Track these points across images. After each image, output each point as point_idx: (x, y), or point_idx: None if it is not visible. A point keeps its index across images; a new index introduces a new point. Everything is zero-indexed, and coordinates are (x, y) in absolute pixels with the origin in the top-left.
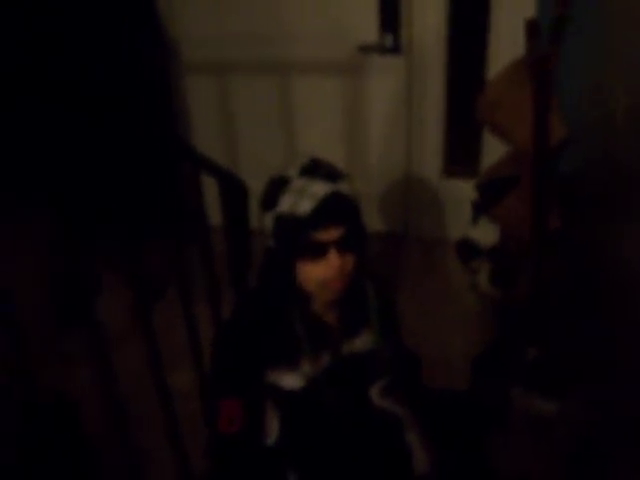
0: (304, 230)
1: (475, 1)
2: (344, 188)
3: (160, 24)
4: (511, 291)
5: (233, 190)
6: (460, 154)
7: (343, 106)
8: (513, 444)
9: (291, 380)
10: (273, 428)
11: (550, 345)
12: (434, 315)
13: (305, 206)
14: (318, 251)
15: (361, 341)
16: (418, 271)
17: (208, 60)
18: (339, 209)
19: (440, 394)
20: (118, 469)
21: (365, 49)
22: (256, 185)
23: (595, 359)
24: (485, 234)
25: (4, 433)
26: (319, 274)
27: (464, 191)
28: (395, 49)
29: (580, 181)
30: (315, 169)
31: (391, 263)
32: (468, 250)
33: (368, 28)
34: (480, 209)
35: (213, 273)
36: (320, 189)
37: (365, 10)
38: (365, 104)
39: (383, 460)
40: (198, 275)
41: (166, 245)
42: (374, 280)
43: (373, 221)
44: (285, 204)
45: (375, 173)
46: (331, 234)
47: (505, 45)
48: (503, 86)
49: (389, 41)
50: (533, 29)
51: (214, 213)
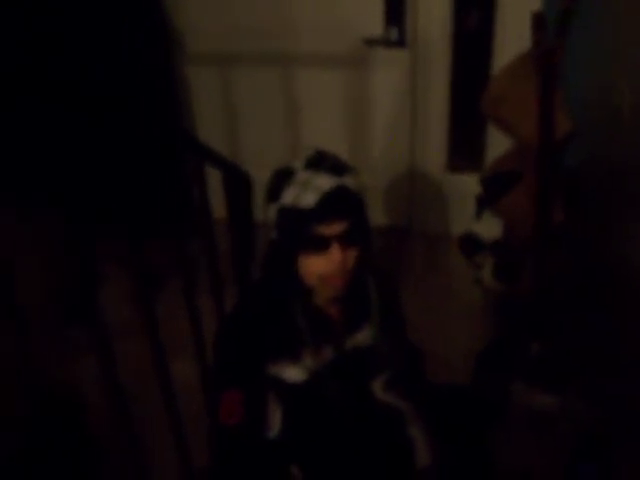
0: (307, 223)
1: None
2: (349, 182)
3: (164, 16)
4: (515, 286)
5: (237, 182)
6: (464, 148)
7: (347, 99)
8: (515, 439)
9: (293, 373)
10: (275, 421)
11: (553, 340)
12: (437, 310)
13: (309, 199)
14: (320, 245)
15: (363, 336)
16: (421, 266)
17: (212, 52)
18: (343, 203)
19: (443, 389)
20: (120, 460)
21: (370, 42)
22: (259, 177)
23: (598, 354)
24: (489, 228)
25: (10, 426)
26: (320, 268)
27: (468, 185)
28: (400, 42)
29: (585, 176)
30: (321, 162)
31: (394, 258)
32: (472, 245)
33: (373, 21)
34: (484, 203)
35: (216, 265)
36: (325, 182)
37: (370, 3)
38: (369, 97)
39: (385, 454)
40: (201, 267)
41: (169, 237)
42: (376, 275)
43: (376, 215)
44: (289, 196)
45: (379, 167)
46: (334, 228)
47: (510, 38)
48: (508, 80)
49: (394, 34)
50: (539, 22)
51: (218, 206)
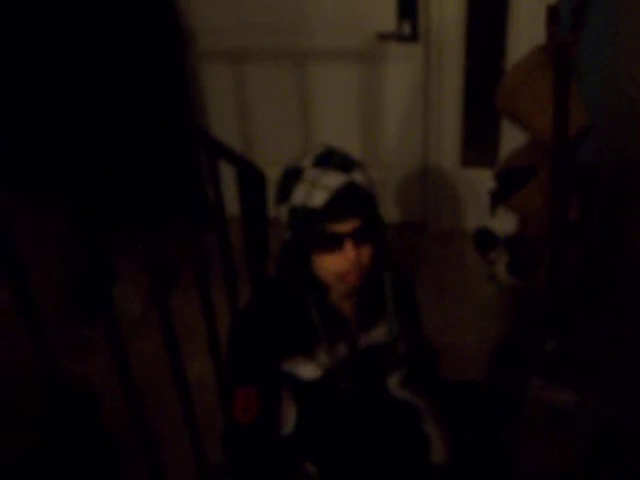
0: (319, 222)
1: None
2: (358, 178)
3: (177, 12)
4: (530, 281)
5: (251, 178)
6: (478, 143)
7: (360, 94)
8: (531, 436)
9: (308, 370)
10: (290, 418)
11: (569, 336)
12: (452, 306)
13: (318, 198)
14: (333, 243)
15: (377, 333)
16: (436, 262)
17: (225, 48)
18: (353, 200)
19: (458, 385)
20: (135, 456)
21: (383, 37)
22: (272, 174)
23: (616, 348)
24: (503, 224)
25: (26, 425)
26: (335, 266)
27: (482, 180)
28: (413, 37)
29: (600, 170)
30: (329, 159)
31: (408, 254)
32: (486, 240)
33: (386, 15)
34: (498, 199)
35: (229, 260)
36: (333, 180)
37: None
38: (382, 92)
39: (401, 450)
40: (216, 264)
41: (184, 233)
42: (393, 271)
43: (390, 211)
44: (299, 196)
45: (392, 162)
46: (346, 226)
47: (525, 32)
48: (523, 74)
49: (407, 29)
50: (554, 15)
51: (233, 202)
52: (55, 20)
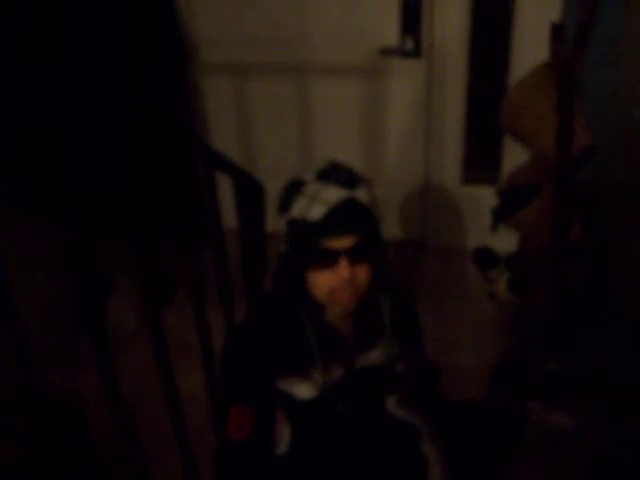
0: (314, 236)
1: (498, 4)
2: (361, 195)
3: (178, 25)
4: (530, 300)
5: (249, 190)
6: (480, 160)
7: (362, 109)
8: (529, 458)
9: (303, 389)
10: (284, 437)
11: (569, 356)
12: (451, 324)
13: (316, 212)
14: (328, 259)
15: (375, 354)
16: (436, 279)
17: (227, 61)
18: (352, 217)
19: (457, 405)
20: (123, 474)
21: (385, 52)
22: (273, 188)
23: (617, 370)
24: (504, 242)
25: (10, 432)
26: (328, 283)
27: (484, 198)
28: (416, 52)
29: (602, 188)
30: (332, 173)
31: (408, 271)
32: (486, 258)
33: (389, 31)
34: (500, 217)
35: (226, 274)
36: (333, 195)
37: (386, 12)
38: (384, 108)
39: (398, 472)
40: (213, 278)
41: (180, 247)
42: (391, 291)
43: (390, 228)
44: (297, 208)
45: (393, 179)
46: (342, 242)
47: (529, 49)
48: (527, 91)
49: (410, 44)
50: (558, 33)
51: (232, 216)
52: (55, 20)
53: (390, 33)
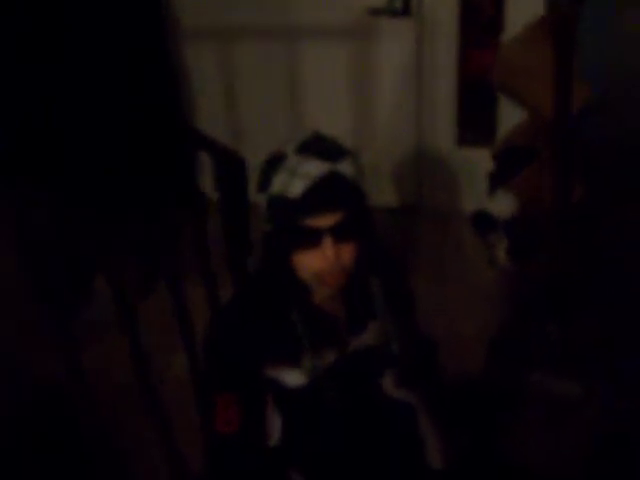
0: (295, 214)
1: None
2: (345, 168)
3: None
4: (530, 265)
5: (229, 164)
6: (475, 121)
7: (350, 72)
8: (533, 433)
9: (293, 377)
10: (275, 427)
11: (572, 320)
12: (449, 292)
13: (296, 187)
14: (311, 239)
15: (368, 336)
16: (432, 246)
17: (209, 26)
18: (336, 192)
19: (455, 383)
20: (111, 464)
21: (374, 12)
22: (260, 158)
23: (622, 332)
24: (502, 206)
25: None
26: (313, 265)
27: (480, 160)
28: (405, 11)
29: (604, 148)
30: (314, 146)
31: (403, 238)
32: (485, 223)
33: None
34: (497, 180)
35: (206, 253)
36: (314, 168)
37: None
38: (374, 70)
39: (394, 455)
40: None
41: (161, 227)
42: (382, 270)
43: (383, 195)
44: (277, 184)
45: (384, 143)
46: (326, 220)
47: (523, 5)
48: (520, 48)
49: (398, 3)
50: None
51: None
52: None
53: None
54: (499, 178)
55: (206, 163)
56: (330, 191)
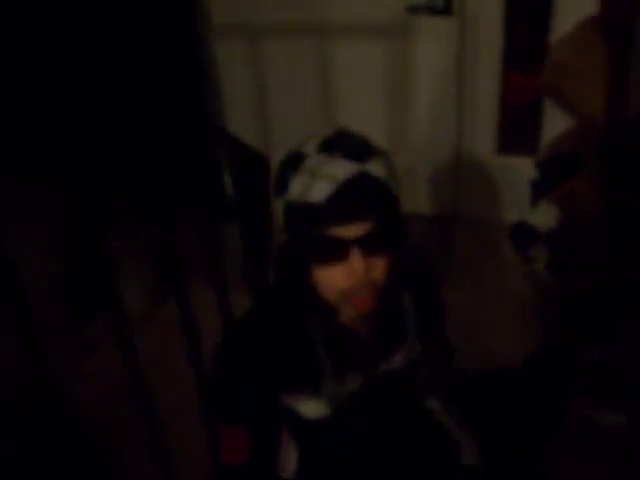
0: (318, 222)
1: None
2: (375, 169)
3: None
4: (572, 281)
5: (249, 163)
6: (517, 128)
7: (387, 73)
8: (570, 457)
9: (312, 407)
10: (290, 460)
11: (617, 345)
12: (485, 307)
13: (319, 191)
14: (337, 251)
15: (397, 359)
16: (468, 257)
17: (240, 23)
18: (365, 196)
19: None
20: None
21: (413, 10)
22: None
23: None
24: (545, 218)
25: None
26: (338, 282)
27: (521, 169)
28: (446, 9)
29: None
30: (339, 143)
31: (438, 248)
32: (525, 236)
33: None
34: (540, 190)
35: (219, 259)
36: (340, 170)
37: None
38: (412, 71)
39: (428, 463)
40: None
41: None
42: (415, 285)
43: (419, 203)
44: (296, 188)
45: (421, 148)
46: (354, 230)
47: (572, 3)
48: (572, 49)
49: (439, 0)
50: None
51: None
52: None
53: None
54: (542, 187)
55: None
56: (359, 195)
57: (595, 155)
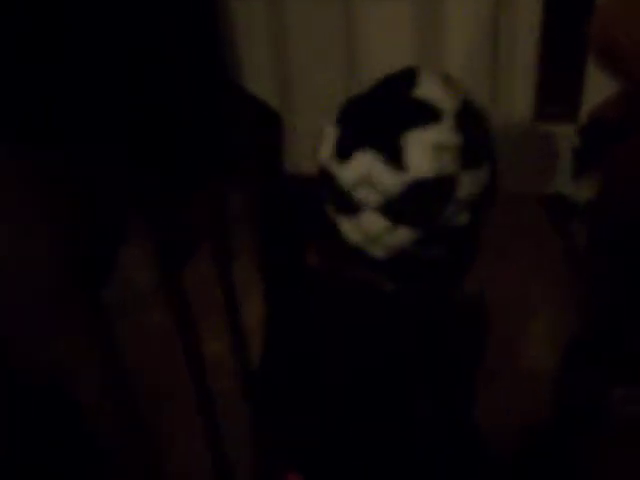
0: None
1: None
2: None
3: None
4: (615, 261)
5: (260, 119)
6: (557, 92)
7: (415, 30)
8: (607, 455)
9: None
10: None
11: None
12: (519, 285)
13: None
14: None
15: None
16: (502, 232)
17: None
18: None
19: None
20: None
21: None
22: (311, 125)
23: None
24: (586, 190)
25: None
26: None
27: (560, 137)
28: None
29: None
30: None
31: None
32: (564, 210)
33: None
34: (583, 160)
35: (220, 228)
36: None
37: None
38: (441, 27)
39: None
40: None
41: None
42: None
43: None
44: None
45: None
46: None
47: None
48: (622, 6)
49: None
50: None
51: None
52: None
53: None
54: (585, 157)
55: None
56: None
57: None
